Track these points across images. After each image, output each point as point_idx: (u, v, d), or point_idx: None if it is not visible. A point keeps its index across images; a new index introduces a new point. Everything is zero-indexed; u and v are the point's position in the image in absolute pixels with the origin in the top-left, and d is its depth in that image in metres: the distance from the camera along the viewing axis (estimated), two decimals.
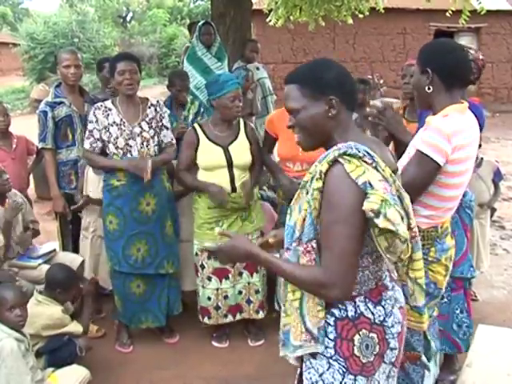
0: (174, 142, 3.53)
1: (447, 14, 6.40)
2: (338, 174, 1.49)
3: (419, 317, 2.31)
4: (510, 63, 14.73)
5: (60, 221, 3.90)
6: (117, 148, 3.29)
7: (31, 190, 5.17)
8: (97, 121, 3.30)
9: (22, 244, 3.54)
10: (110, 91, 4.10)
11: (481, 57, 2.85)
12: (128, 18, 28.25)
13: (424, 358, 2.40)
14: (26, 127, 5.77)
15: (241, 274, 3.46)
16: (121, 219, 3.35)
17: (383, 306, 1.62)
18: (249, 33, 6.58)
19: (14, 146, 4.10)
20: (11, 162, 3.99)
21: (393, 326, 1.62)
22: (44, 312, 2.99)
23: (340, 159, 1.50)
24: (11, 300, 2.59)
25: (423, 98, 2.28)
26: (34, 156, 4.27)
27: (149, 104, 3.43)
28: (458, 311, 2.91)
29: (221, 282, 3.43)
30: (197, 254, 3.46)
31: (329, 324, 1.59)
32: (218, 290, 3.44)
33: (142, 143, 3.33)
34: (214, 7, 6.36)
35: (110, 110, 3.32)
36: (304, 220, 1.57)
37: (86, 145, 3.34)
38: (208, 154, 3.33)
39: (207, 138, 3.36)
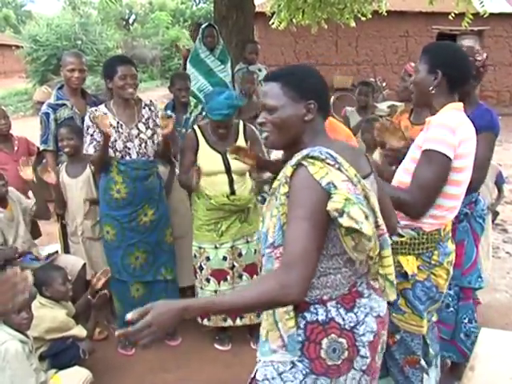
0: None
1: (450, 16, 6.42)
2: (302, 175, 1.51)
3: (420, 321, 2.31)
4: None
5: (61, 223, 3.89)
6: (115, 151, 3.29)
7: None
8: (94, 124, 3.27)
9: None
10: (109, 93, 4.09)
11: (479, 58, 2.72)
12: (131, 21, 28.33)
13: (423, 362, 2.40)
14: (28, 129, 5.77)
15: (241, 276, 3.46)
16: (118, 230, 3.37)
17: (355, 314, 1.59)
18: (251, 35, 6.59)
19: (15, 148, 4.10)
20: (14, 164, 3.98)
21: (364, 335, 1.59)
22: (47, 315, 2.98)
23: (303, 162, 1.52)
24: (18, 302, 2.59)
25: (423, 97, 2.27)
26: (35, 157, 4.26)
27: (143, 105, 3.43)
28: (466, 321, 2.86)
29: (219, 283, 3.42)
30: (195, 255, 3.45)
31: (299, 327, 1.58)
32: (216, 292, 3.43)
33: (140, 144, 3.33)
34: (217, 10, 6.38)
35: (105, 114, 3.29)
36: (275, 226, 1.57)
37: (91, 149, 3.31)
38: (207, 160, 3.34)
39: (207, 142, 3.36)
